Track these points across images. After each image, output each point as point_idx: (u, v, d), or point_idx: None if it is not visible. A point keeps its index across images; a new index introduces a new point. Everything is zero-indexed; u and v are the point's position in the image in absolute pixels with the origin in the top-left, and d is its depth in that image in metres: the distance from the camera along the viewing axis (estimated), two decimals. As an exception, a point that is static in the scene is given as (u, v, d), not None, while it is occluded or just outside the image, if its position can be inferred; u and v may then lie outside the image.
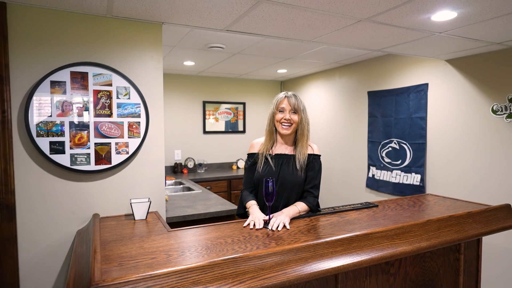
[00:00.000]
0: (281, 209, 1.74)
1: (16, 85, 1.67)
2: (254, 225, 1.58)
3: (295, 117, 1.77)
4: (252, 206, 1.73)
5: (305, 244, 1.32)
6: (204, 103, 4.78)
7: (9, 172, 1.66)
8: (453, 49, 2.50)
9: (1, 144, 1.64)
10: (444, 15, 1.77)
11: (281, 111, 1.78)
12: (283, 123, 1.77)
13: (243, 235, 1.48)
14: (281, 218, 1.60)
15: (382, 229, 1.48)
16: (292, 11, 1.70)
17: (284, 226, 1.57)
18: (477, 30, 2.04)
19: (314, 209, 1.80)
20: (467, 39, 2.22)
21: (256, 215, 1.63)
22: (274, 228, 1.54)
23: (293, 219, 1.68)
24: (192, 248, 1.34)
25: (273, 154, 1.84)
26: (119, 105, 1.85)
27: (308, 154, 1.82)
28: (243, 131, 5.06)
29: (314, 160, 1.83)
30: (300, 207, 1.75)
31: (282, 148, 1.86)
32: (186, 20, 1.86)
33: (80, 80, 1.76)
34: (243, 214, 1.85)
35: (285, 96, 1.78)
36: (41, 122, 1.70)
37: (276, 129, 1.84)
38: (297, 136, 1.83)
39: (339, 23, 1.91)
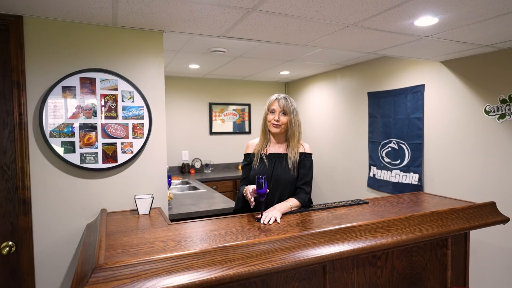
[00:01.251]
0: (274, 205, 1.85)
1: (32, 90, 1.83)
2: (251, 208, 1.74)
3: (284, 119, 1.89)
4: (247, 187, 1.82)
5: (290, 235, 1.44)
6: (210, 104, 4.92)
7: (25, 169, 1.82)
8: (445, 51, 2.57)
9: (18, 144, 1.80)
10: (426, 21, 1.86)
11: (272, 112, 1.91)
12: (273, 123, 1.90)
13: (236, 228, 1.60)
14: (273, 213, 1.72)
15: (364, 223, 1.59)
16: (281, 18, 1.82)
17: (275, 220, 1.69)
18: (463, 34, 2.11)
19: (306, 205, 1.91)
20: (455, 42, 2.29)
21: (247, 187, 1.76)
22: (265, 222, 1.65)
23: (284, 214, 1.80)
24: (188, 238, 1.47)
25: (267, 154, 1.97)
26: (124, 108, 2.00)
27: (300, 153, 1.94)
28: (249, 132, 5.18)
29: (305, 158, 1.95)
30: (291, 203, 1.86)
31: (275, 148, 1.98)
32: (185, 28, 2.00)
33: (89, 85, 1.92)
34: (240, 209, 1.97)
35: (276, 99, 1.91)
36: (53, 124, 1.86)
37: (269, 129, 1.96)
38: (287, 136, 1.95)
39: (328, 29, 2.02)
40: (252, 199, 1.71)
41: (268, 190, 1.75)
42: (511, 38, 2.21)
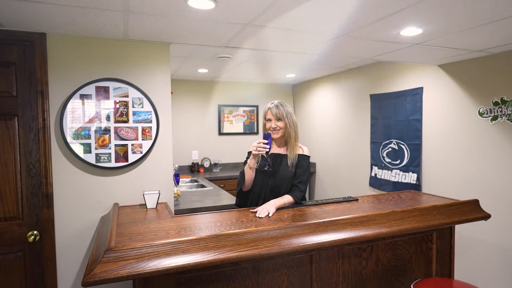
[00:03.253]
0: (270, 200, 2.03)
1: (54, 98, 2.07)
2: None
3: (280, 124, 2.07)
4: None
5: (277, 226, 1.61)
6: (220, 106, 5.13)
7: (48, 168, 2.06)
8: (438, 56, 2.68)
9: (42, 145, 2.05)
10: (411, 31, 1.99)
11: (269, 120, 2.10)
12: (272, 131, 2.09)
13: (231, 220, 1.79)
14: (267, 208, 1.91)
15: (347, 217, 1.75)
16: (275, 31, 2.00)
17: (268, 214, 1.87)
18: (450, 41, 2.23)
19: (299, 202, 2.08)
20: (445, 48, 2.41)
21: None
22: (260, 215, 1.83)
23: (278, 209, 1.97)
24: (187, 228, 1.66)
25: (270, 153, 2.16)
26: (134, 113, 2.22)
27: (299, 154, 2.12)
28: (257, 133, 5.37)
29: (303, 160, 2.13)
30: (286, 199, 2.03)
31: (277, 149, 2.17)
32: (189, 41, 2.20)
33: (103, 93, 2.15)
34: (241, 193, 2.16)
35: (269, 108, 2.09)
36: (72, 127, 2.10)
37: None
38: (286, 137, 2.13)
39: (321, 39, 2.18)
40: (260, 144, 1.92)
41: (271, 147, 1.97)
42: (500, 43, 2.30)
